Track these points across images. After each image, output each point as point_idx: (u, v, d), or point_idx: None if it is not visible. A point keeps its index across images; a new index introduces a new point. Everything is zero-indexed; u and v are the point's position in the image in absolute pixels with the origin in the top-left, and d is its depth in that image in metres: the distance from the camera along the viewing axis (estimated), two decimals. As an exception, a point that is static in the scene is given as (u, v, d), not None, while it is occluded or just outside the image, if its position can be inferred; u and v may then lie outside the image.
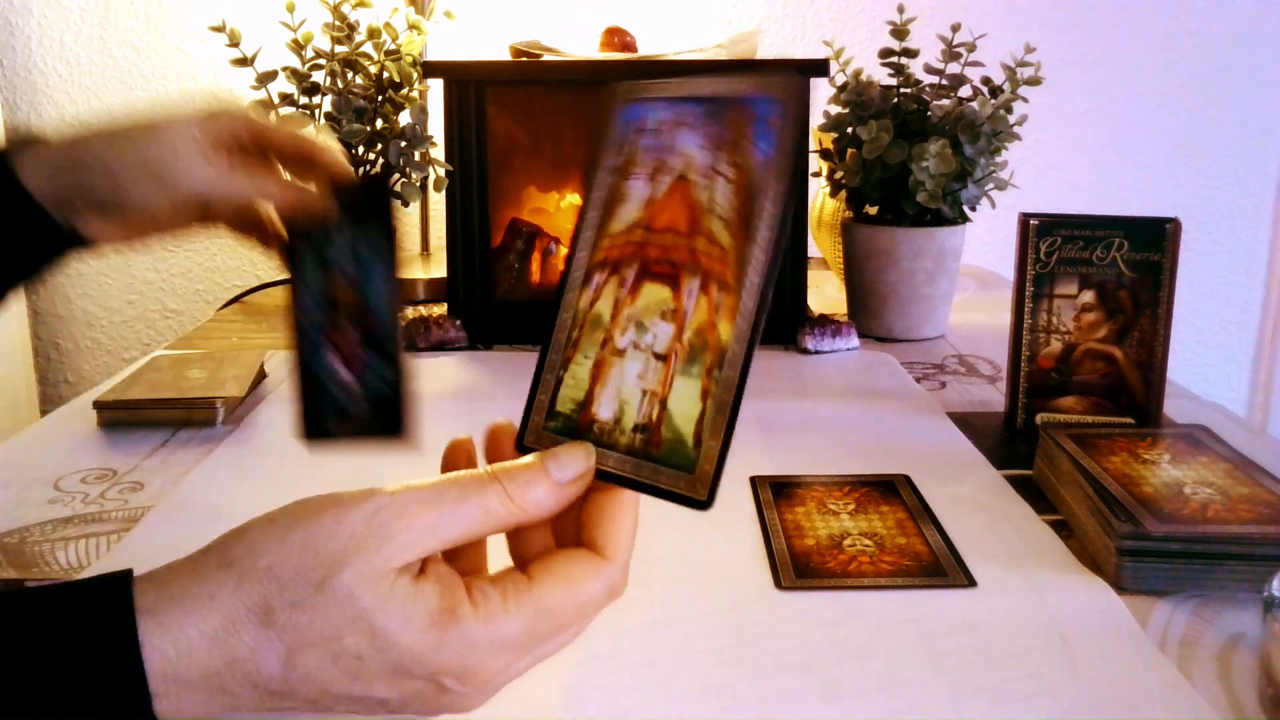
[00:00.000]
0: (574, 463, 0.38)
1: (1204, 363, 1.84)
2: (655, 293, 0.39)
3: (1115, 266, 0.79)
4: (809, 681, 0.49)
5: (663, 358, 0.39)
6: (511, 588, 0.36)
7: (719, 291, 0.38)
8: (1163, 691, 0.48)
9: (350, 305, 0.52)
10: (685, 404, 0.38)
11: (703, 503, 0.38)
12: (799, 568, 0.60)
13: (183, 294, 1.72)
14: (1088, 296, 0.80)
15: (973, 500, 0.70)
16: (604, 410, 0.39)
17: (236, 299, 1.40)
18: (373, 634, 0.35)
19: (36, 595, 0.35)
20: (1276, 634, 0.46)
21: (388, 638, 0.35)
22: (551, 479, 0.37)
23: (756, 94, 0.39)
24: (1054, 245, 0.80)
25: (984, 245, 1.46)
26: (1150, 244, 0.78)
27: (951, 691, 0.48)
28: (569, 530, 0.40)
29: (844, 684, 0.49)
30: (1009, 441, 0.82)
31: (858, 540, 0.63)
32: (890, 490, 0.71)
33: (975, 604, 0.56)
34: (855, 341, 1.10)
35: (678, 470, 0.38)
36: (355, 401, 0.52)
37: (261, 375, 0.97)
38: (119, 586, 0.35)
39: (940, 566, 0.60)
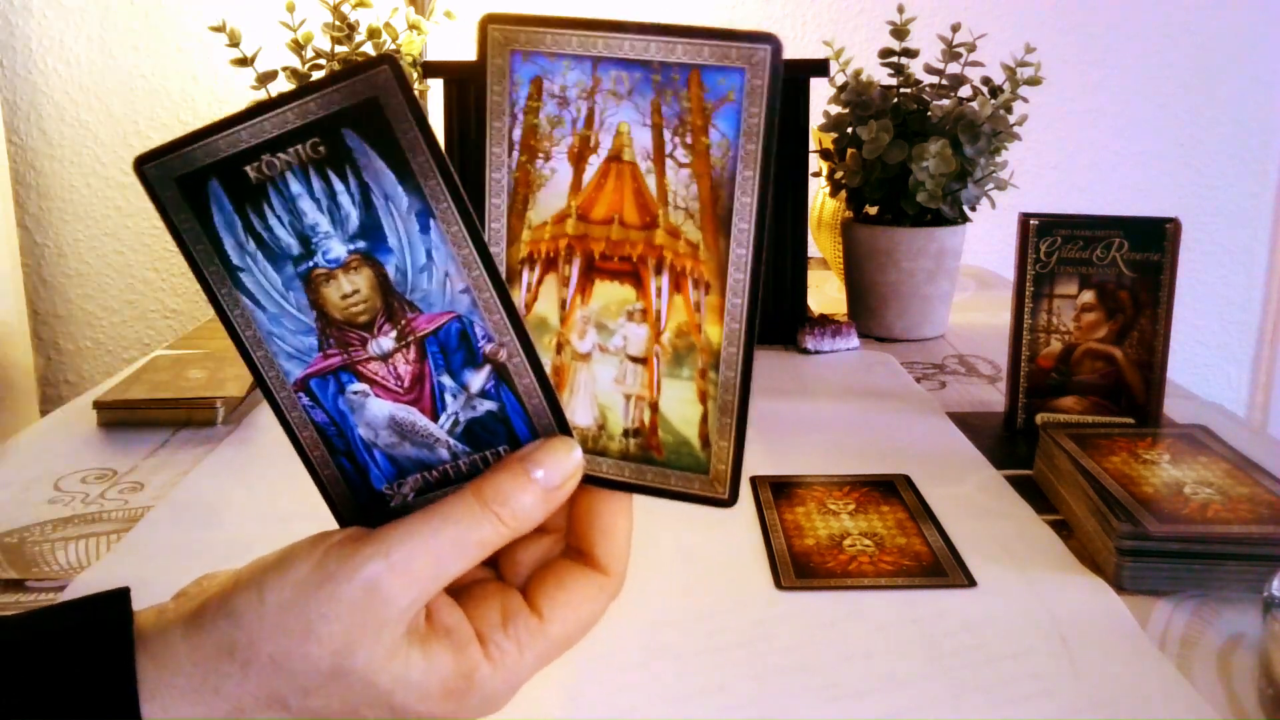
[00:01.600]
0: (559, 464, 0.35)
1: (1204, 363, 1.84)
2: (613, 292, 0.36)
3: (1115, 266, 0.79)
4: (809, 681, 0.49)
5: (640, 360, 0.36)
6: (526, 634, 0.36)
7: (697, 290, 0.35)
8: (1163, 691, 0.48)
9: (362, 305, 0.35)
10: (681, 407, 0.36)
11: (725, 501, 0.37)
12: (799, 568, 0.60)
13: (183, 294, 1.72)
14: (1088, 296, 0.80)
15: (973, 500, 0.70)
16: (581, 417, 0.37)
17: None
18: (391, 708, 0.34)
19: (32, 661, 0.33)
20: (1276, 634, 0.46)
21: (407, 709, 0.34)
22: (539, 486, 0.35)
23: (713, 64, 0.33)
24: (1054, 245, 0.80)
25: (984, 245, 1.46)
26: (1150, 244, 0.78)
27: (951, 691, 0.48)
28: (558, 522, 0.39)
29: (844, 684, 0.49)
30: (1009, 441, 0.82)
31: (858, 540, 0.63)
32: (890, 490, 0.71)
33: (975, 604, 0.56)
34: (855, 341, 1.10)
35: (688, 472, 0.37)
36: (448, 455, 0.37)
37: (261, 375, 0.97)
38: (123, 665, 0.33)
39: (940, 566, 0.60)
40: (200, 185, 0.34)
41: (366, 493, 0.37)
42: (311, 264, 0.34)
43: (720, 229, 0.34)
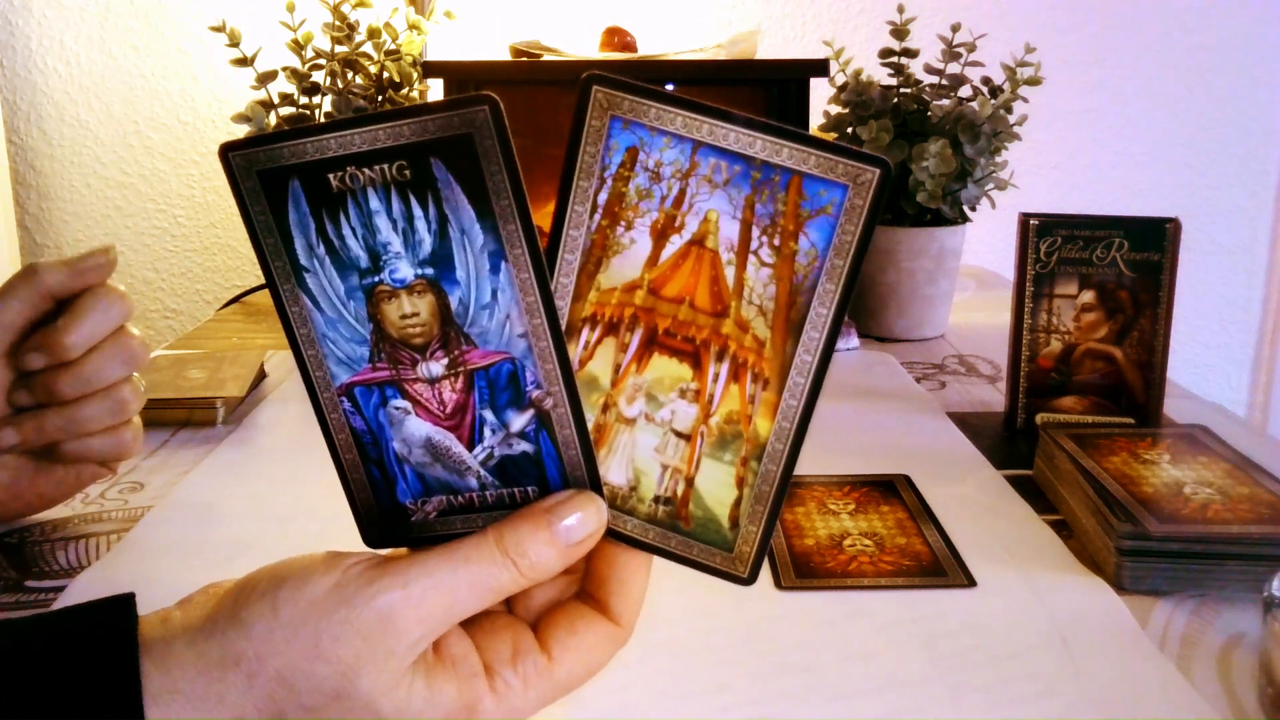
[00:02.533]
0: (584, 523, 0.36)
1: (1204, 363, 1.84)
2: (670, 368, 0.37)
3: (1115, 266, 0.79)
4: (809, 681, 0.49)
5: (685, 436, 0.37)
6: (533, 671, 0.36)
7: (755, 384, 0.36)
8: (1163, 691, 0.48)
9: (419, 328, 0.36)
10: (717, 488, 0.37)
11: (744, 579, 0.38)
12: (799, 568, 0.60)
13: (182, 294, 1.72)
14: (1088, 296, 0.80)
15: (973, 500, 0.70)
16: (615, 475, 0.38)
17: (236, 299, 1.40)
18: None
19: (37, 665, 0.33)
20: (1276, 634, 0.46)
21: None
22: (560, 543, 0.36)
23: (817, 174, 0.34)
24: (1054, 245, 0.80)
25: (984, 245, 1.46)
26: (1150, 244, 0.78)
27: (951, 691, 0.48)
28: (575, 565, 0.39)
29: (844, 684, 0.49)
30: (1009, 441, 0.82)
31: (858, 540, 0.63)
32: (890, 490, 0.71)
33: (975, 604, 0.56)
34: (855, 341, 1.10)
35: (712, 546, 0.38)
36: (476, 485, 0.37)
37: (261, 375, 0.97)
38: (127, 668, 0.33)
39: (940, 566, 0.60)
40: (281, 182, 0.34)
41: (390, 503, 0.38)
42: (377, 279, 0.35)
43: (790, 333, 0.35)
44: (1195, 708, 0.47)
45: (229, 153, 0.34)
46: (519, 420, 0.36)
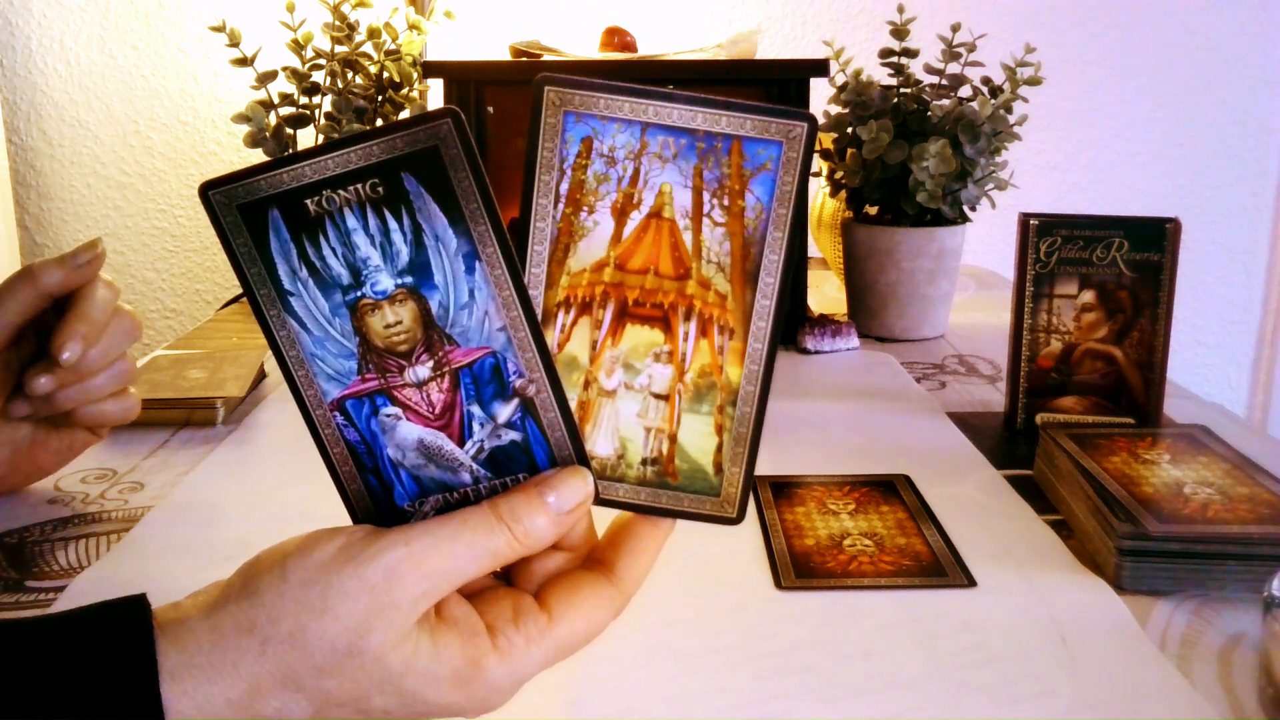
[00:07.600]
0: (572, 492, 0.38)
1: (1204, 363, 1.84)
2: (642, 335, 0.39)
3: (1115, 266, 0.79)
4: (809, 681, 0.49)
5: (664, 397, 0.39)
6: (534, 629, 0.38)
7: (722, 335, 0.39)
8: (1163, 691, 0.48)
9: (403, 335, 0.37)
10: (699, 438, 0.39)
11: (733, 519, 0.40)
12: (799, 568, 0.60)
13: (183, 294, 1.72)
14: (1088, 296, 0.80)
15: (973, 500, 0.70)
16: (602, 447, 0.40)
17: (236, 299, 1.40)
18: (400, 693, 0.36)
19: (53, 646, 0.34)
20: (1276, 634, 0.46)
21: (416, 695, 0.36)
22: (551, 510, 0.37)
23: (754, 135, 0.37)
24: (1054, 245, 0.80)
25: (984, 245, 1.46)
26: (1150, 244, 0.78)
27: (951, 691, 0.48)
28: (573, 541, 0.41)
29: (844, 684, 0.49)
30: (1009, 441, 0.82)
31: (858, 540, 0.63)
32: (890, 490, 0.71)
33: (975, 604, 0.56)
34: (855, 341, 1.10)
35: (701, 495, 0.40)
36: (470, 479, 0.38)
37: (261, 375, 0.97)
38: (142, 645, 0.34)
39: (940, 566, 0.60)
40: (260, 213, 0.36)
41: (389, 508, 0.39)
42: (360, 294, 0.37)
43: (748, 282, 0.38)
44: (1195, 708, 0.47)
45: (208, 191, 0.36)
46: (505, 411, 0.38)
